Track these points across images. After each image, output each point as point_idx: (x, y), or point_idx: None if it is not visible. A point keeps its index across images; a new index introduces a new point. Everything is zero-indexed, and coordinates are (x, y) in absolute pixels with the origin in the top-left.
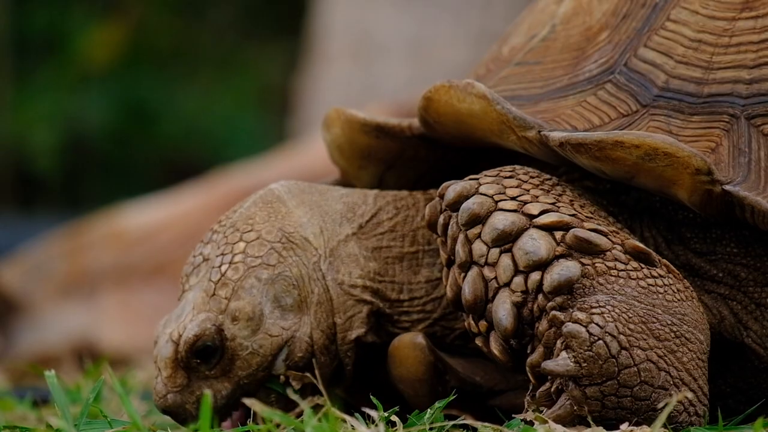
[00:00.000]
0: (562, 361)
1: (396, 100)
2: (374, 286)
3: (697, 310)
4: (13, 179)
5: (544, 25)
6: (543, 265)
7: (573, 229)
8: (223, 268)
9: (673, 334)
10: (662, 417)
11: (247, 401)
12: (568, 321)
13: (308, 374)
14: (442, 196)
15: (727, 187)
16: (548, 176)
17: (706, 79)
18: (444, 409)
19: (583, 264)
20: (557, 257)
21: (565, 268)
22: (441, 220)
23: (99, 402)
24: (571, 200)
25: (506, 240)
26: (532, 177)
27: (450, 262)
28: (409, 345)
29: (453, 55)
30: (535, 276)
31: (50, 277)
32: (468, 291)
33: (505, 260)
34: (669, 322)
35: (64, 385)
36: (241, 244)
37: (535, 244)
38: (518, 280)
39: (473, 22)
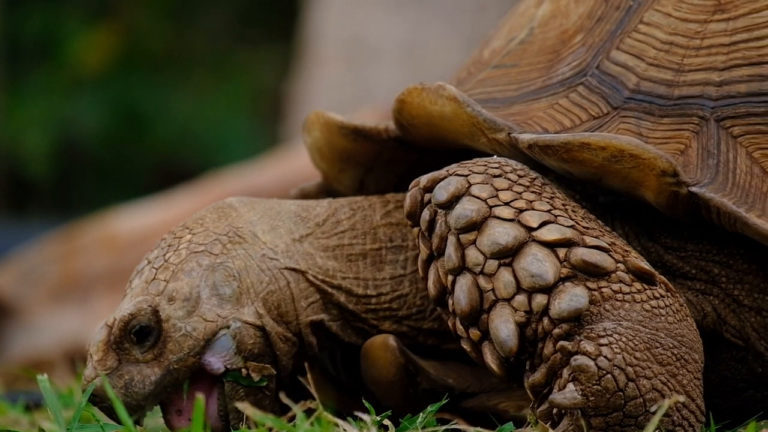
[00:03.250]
0: (569, 394)
1: (389, 103)
2: (335, 282)
3: (693, 329)
4: (5, 183)
5: (523, 28)
6: (549, 289)
7: (578, 250)
8: (167, 255)
9: (674, 357)
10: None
11: (240, 405)
12: (576, 352)
13: (269, 366)
14: (426, 189)
15: (693, 189)
16: (534, 174)
17: (676, 81)
18: (437, 413)
19: (589, 289)
20: (562, 279)
21: (574, 298)
22: (426, 215)
23: (91, 406)
24: (563, 204)
25: (507, 254)
26: (521, 176)
27: (431, 257)
28: (381, 347)
29: (446, 59)
30: (540, 299)
31: (43, 281)
32: (464, 301)
33: (506, 275)
34: (671, 345)
35: (57, 389)
36: (188, 236)
37: (541, 267)
38: (521, 299)
39: (466, 26)
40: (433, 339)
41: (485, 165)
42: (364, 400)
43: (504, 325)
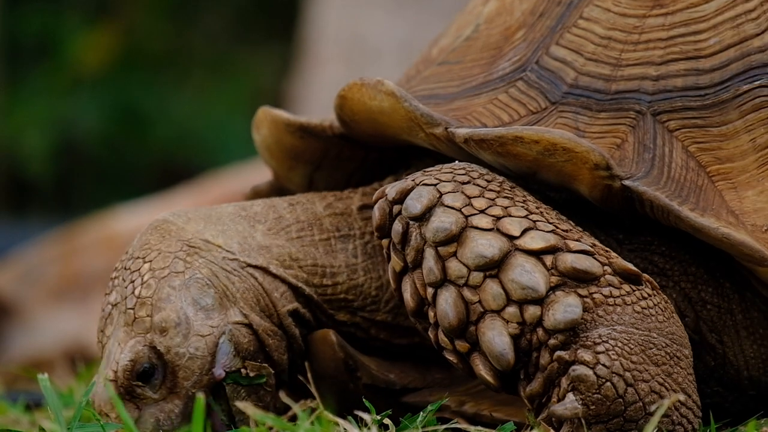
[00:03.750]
0: (570, 404)
1: None
2: (295, 272)
3: (680, 325)
4: (5, 183)
5: (470, 25)
6: (541, 300)
7: (566, 257)
8: (137, 291)
9: (668, 357)
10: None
11: (240, 404)
12: (574, 361)
13: (266, 365)
14: (395, 201)
15: (626, 182)
16: (501, 177)
17: (614, 76)
18: (436, 412)
19: (581, 297)
20: (552, 288)
21: (569, 308)
22: (398, 228)
23: (92, 405)
24: (537, 207)
25: (492, 266)
26: (489, 181)
27: (405, 269)
28: (321, 341)
29: None
30: (533, 310)
31: (43, 281)
32: (451, 314)
33: (494, 287)
34: (663, 345)
35: (57, 388)
36: (146, 265)
37: (531, 278)
38: (512, 310)
39: None
40: (386, 333)
41: (451, 171)
42: (364, 399)
43: (498, 338)
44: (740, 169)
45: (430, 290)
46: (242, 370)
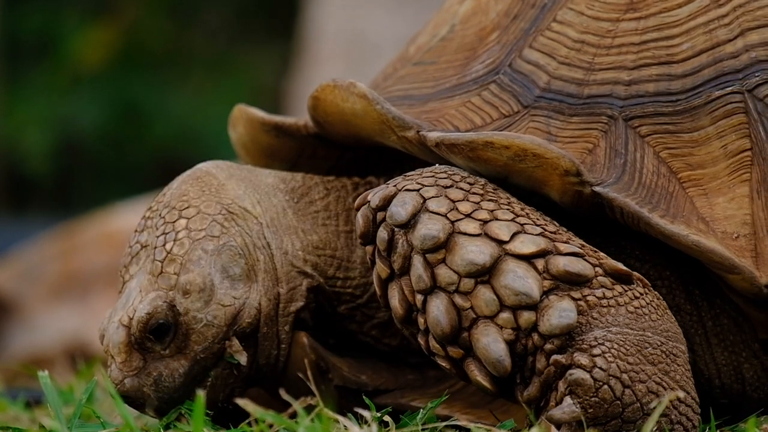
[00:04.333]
0: (567, 409)
1: None
2: (314, 260)
3: (674, 322)
4: (5, 181)
5: (445, 24)
6: (535, 305)
7: (557, 260)
8: (168, 245)
9: (664, 355)
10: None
11: (240, 402)
12: (571, 365)
13: (245, 354)
14: (378, 208)
15: (597, 189)
16: (483, 180)
17: (586, 80)
18: (436, 409)
19: (575, 300)
20: (546, 293)
21: (564, 313)
22: (383, 235)
23: (92, 403)
24: (522, 209)
25: (484, 273)
26: (471, 184)
27: (392, 276)
28: (293, 342)
29: None
30: (528, 316)
31: (43, 278)
32: (444, 321)
33: (487, 294)
34: (659, 343)
35: (57, 386)
36: (182, 221)
37: (525, 284)
38: (506, 316)
39: None
40: (377, 331)
41: (433, 175)
42: (364, 397)
43: (494, 344)
44: (711, 175)
45: (419, 297)
46: (225, 342)
